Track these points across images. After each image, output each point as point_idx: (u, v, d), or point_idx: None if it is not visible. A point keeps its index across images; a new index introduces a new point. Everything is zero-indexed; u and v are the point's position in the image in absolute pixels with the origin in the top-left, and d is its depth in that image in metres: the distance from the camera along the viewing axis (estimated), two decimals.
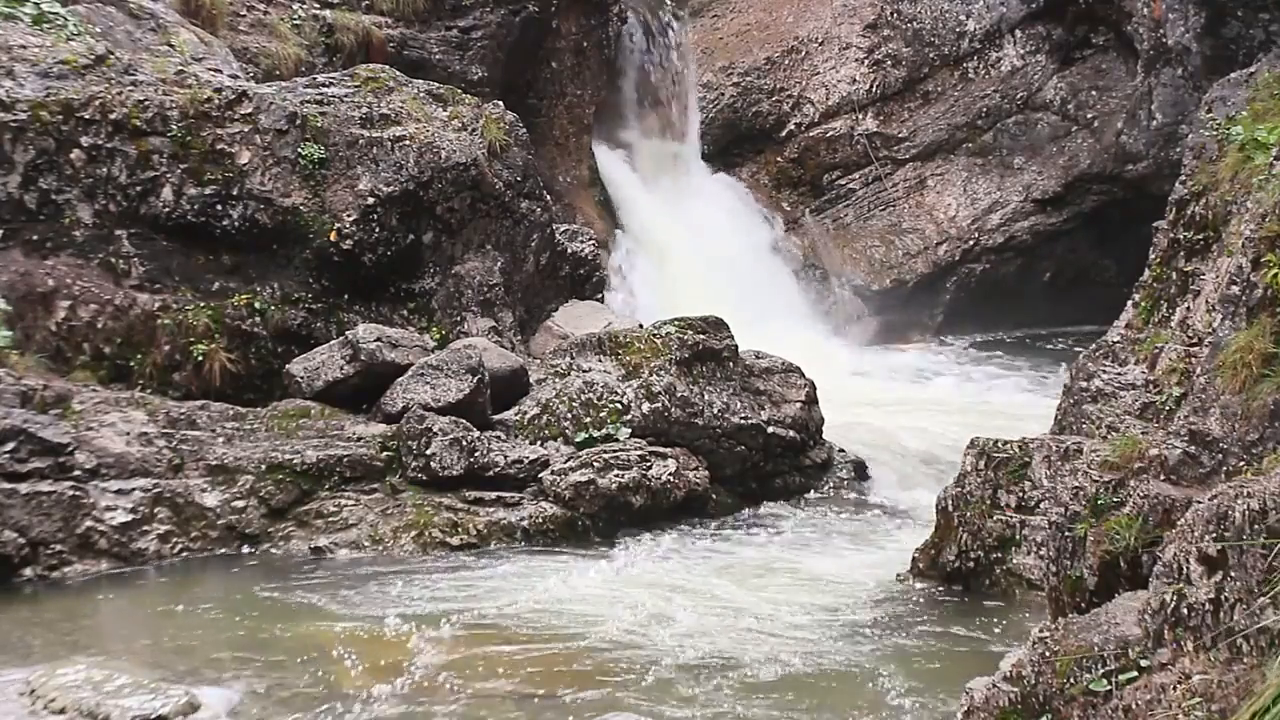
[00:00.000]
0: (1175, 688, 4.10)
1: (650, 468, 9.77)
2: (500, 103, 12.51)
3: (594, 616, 7.67)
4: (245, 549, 8.95)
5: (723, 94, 17.97)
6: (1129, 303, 8.55)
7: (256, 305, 10.37)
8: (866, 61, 18.11)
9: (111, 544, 8.55)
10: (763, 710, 6.33)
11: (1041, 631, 4.80)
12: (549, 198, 12.70)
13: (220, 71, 11.52)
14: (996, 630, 7.48)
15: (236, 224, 10.37)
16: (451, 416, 9.52)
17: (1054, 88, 18.07)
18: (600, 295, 13.26)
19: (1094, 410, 7.88)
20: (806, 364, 11.25)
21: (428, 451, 9.38)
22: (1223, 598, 4.18)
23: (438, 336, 10.84)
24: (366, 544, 8.99)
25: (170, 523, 8.80)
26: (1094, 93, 17.94)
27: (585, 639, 7.27)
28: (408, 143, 10.94)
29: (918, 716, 6.26)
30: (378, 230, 10.72)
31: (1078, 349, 9.34)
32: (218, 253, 10.41)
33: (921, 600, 8.08)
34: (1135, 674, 4.31)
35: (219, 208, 10.34)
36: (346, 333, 10.17)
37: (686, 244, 16.70)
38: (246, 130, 10.47)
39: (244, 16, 13.71)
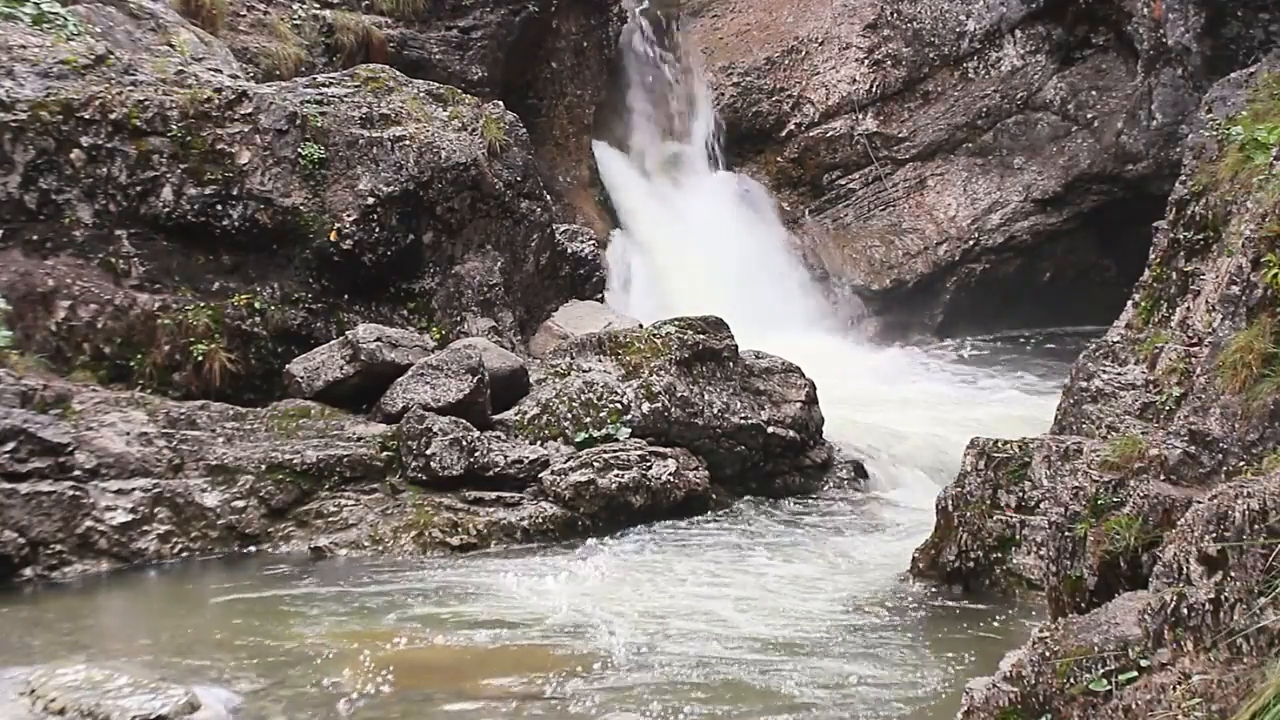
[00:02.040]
0: (1175, 688, 4.10)
1: (650, 468, 9.77)
2: (500, 103, 12.52)
3: (593, 618, 7.66)
4: (245, 549, 8.96)
5: (723, 94, 17.97)
6: (1129, 303, 8.55)
7: (256, 305, 10.37)
8: (866, 61, 18.10)
9: (111, 544, 8.55)
10: (760, 710, 6.33)
11: (1041, 631, 4.79)
12: (549, 198, 12.71)
13: (220, 71, 11.53)
14: (996, 630, 7.48)
15: (236, 224, 10.37)
16: (451, 416, 9.52)
17: (1054, 88, 18.05)
18: (600, 295, 13.26)
19: (1094, 410, 7.88)
20: (806, 364, 11.26)
21: (428, 451, 9.38)
22: (1223, 598, 4.18)
23: (438, 336, 10.85)
24: (366, 544, 8.99)
25: (170, 523, 8.80)
26: (1094, 93, 17.92)
27: (584, 640, 7.27)
28: (408, 143, 10.94)
29: (917, 717, 6.26)
30: (378, 230, 10.72)
31: (1078, 349, 9.32)
32: (218, 253, 10.42)
33: (921, 600, 8.08)
34: (1135, 674, 4.31)
35: (219, 208, 10.35)
36: (346, 333, 10.18)
37: (686, 244, 16.70)
38: (246, 130, 10.47)
39: (244, 16, 13.72)
